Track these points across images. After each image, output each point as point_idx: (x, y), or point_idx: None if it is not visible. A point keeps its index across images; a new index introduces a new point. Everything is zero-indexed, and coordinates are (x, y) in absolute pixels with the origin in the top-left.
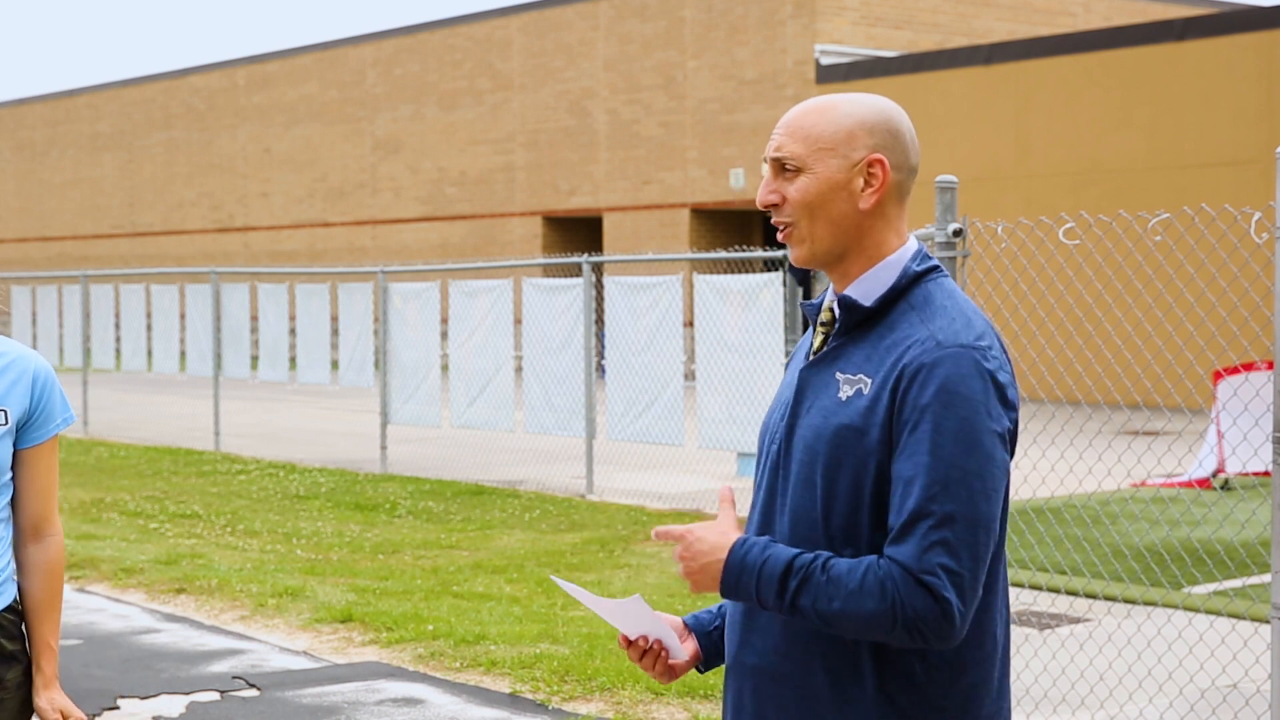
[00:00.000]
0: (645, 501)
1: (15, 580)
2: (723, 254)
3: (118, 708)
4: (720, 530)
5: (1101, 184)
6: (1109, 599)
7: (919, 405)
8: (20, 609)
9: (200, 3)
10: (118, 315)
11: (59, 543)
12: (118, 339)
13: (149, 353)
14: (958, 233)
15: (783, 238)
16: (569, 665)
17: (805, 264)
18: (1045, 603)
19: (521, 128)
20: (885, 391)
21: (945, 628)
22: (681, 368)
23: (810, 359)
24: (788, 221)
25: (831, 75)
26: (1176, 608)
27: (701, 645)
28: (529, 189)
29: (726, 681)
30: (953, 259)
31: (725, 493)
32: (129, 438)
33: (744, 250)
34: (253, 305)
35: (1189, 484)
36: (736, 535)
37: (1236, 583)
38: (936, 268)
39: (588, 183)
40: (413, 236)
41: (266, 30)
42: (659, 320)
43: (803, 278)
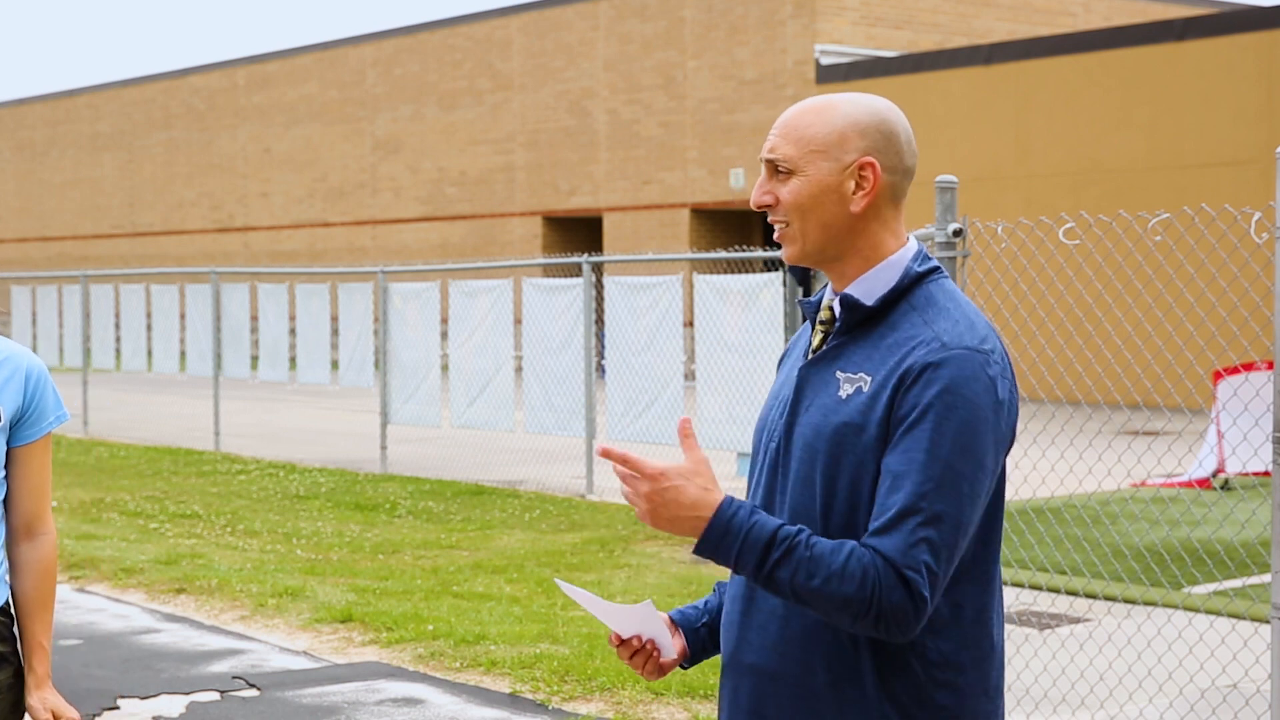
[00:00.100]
0: None
1: (7, 581)
2: (723, 254)
3: (118, 708)
4: (701, 485)
5: (1101, 184)
6: (1109, 599)
7: (920, 403)
8: (12, 611)
9: (200, 3)
10: (118, 315)
11: (52, 541)
12: (118, 339)
13: (149, 353)
14: (958, 233)
15: (778, 237)
16: (569, 665)
17: (797, 262)
18: (1045, 603)
19: (521, 128)
20: (886, 390)
21: (911, 624)
22: (681, 368)
23: (810, 357)
24: (782, 221)
25: (831, 75)
26: (1176, 608)
27: (688, 641)
28: (529, 189)
29: (723, 680)
30: (953, 259)
31: (685, 426)
32: (129, 438)
33: (744, 250)
34: (253, 305)
35: (1189, 484)
36: (720, 493)
37: (1236, 583)
38: (937, 269)
39: (588, 183)
40: (413, 236)
41: (266, 30)
42: (659, 320)
43: (802, 277)
